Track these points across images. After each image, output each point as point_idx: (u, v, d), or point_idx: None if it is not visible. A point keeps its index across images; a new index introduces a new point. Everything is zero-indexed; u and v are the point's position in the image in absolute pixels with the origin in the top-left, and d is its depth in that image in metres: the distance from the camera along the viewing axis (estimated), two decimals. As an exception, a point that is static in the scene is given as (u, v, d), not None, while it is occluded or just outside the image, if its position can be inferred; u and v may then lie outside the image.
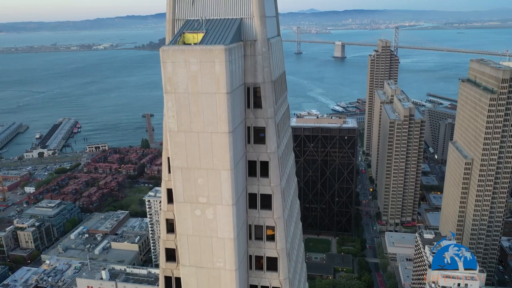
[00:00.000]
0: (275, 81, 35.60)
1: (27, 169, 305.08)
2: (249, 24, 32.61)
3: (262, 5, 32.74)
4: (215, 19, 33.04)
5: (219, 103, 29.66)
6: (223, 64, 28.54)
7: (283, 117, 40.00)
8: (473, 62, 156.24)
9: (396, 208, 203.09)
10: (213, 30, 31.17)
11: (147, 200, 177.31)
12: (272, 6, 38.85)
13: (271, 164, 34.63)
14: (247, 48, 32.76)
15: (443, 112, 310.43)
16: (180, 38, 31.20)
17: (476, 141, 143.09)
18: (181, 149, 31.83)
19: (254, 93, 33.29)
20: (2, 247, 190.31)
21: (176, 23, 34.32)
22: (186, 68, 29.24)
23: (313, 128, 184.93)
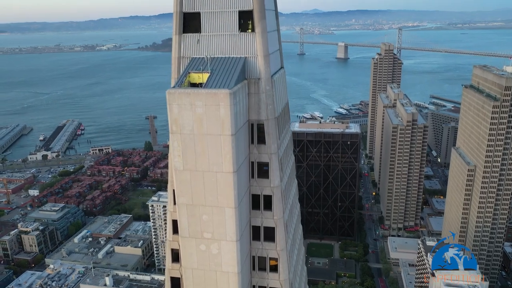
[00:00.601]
0: (279, 116, 36.15)
1: (31, 171, 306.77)
2: (253, 63, 33.19)
3: (266, 45, 33.30)
4: (220, 58, 33.58)
5: (223, 144, 30.31)
6: (228, 107, 29.16)
7: (286, 149, 40.48)
8: (476, 68, 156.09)
9: (399, 213, 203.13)
10: (218, 70, 31.74)
11: (150, 205, 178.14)
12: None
13: (274, 198, 35.24)
14: (251, 86, 33.35)
15: (446, 115, 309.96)
16: (186, 78, 31.76)
17: (479, 147, 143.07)
18: (186, 186, 32.51)
19: (258, 130, 33.90)
20: (6, 250, 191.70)
21: (182, 61, 34.92)
22: (192, 111, 29.90)
23: (316, 133, 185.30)
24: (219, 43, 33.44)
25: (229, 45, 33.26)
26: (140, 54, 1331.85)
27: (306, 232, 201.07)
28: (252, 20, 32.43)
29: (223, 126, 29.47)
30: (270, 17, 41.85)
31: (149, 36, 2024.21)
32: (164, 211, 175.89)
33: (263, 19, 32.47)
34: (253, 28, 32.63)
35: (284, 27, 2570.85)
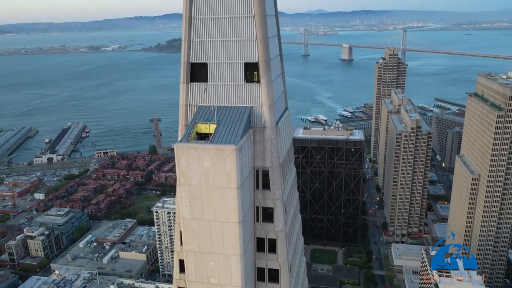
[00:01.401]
0: (283, 161, 36.83)
1: (37, 174, 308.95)
2: (258, 112, 33.95)
3: (271, 95, 33.98)
4: (226, 107, 34.34)
5: (229, 197, 31.11)
6: (234, 162, 29.94)
7: (290, 188, 41.14)
8: (480, 77, 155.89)
9: (403, 219, 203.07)
10: (224, 122, 32.52)
11: (155, 211, 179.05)
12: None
13: (278, 242, 35.99)
14: (257, 135, 34.10)
15: (450, 120, 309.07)
16: (193, 130, 32.51)
17: (483, 156, 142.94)
18: (193, 234, 33.33)
19: (263, 176, 34.61)
20: (12, 255, 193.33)
21: (189, 108, 35.66)
22: (199, 164, 30.71)
23: (320, 140, 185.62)
24: (225, 93, 34.18)
25: (235, 94, 34.01)
26: (145, 55, 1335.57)
27: (310, 238, 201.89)
28: (258, 72, 33.12)
29: (229, 179, 30.27)
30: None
31: (153, 37, 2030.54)
32: (169, 217, 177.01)
33: (268, 71, 33.18)
34: (259, 79, 33.31)
35: (288, 27, 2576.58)
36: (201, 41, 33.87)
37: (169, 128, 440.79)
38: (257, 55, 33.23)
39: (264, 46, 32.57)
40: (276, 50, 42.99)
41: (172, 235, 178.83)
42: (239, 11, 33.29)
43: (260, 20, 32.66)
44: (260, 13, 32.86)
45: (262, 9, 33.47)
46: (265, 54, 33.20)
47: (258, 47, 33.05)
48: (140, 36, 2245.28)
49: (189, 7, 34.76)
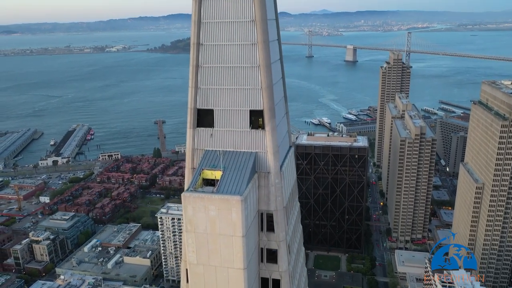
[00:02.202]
0: (287, 203, 37.48)
1: (42, 177, 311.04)
2: (263, 158, 34.65)
3: (275, 142, 34.65)
4: (232, 152, 35.08)
5: (235, 244, 31.84)
6: (239, 212, 30.65)
7: (294, 225, 41.78)
8: (484, 85, 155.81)
9: (407, 226, 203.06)
10: (230, 169, 33.20)
11: (159, 217, 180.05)
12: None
13: (282, 282, 36.62)
14: (261, 179, 34.82)
15: (455, 124, 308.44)
16: (199, 177, 33.23)
17: (488, 166, 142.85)
18: (199, 279, 34.07)
19: (267, 218, 35.24)
20: (18, 259, 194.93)
21: (196, 152, 36.40)
22: (206, 213, 31.45)
23: (324, 147, 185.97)
24: (231, 138, 34.91)
25: (240, 140, 34.70)
26: (149, 56, 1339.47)
27: (314, 244, 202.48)
28: (263, 119, 33.85)
29: (235, 228, 31.00)
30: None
31: (157, 37, 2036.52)
32: (173, 223, 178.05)
33: (272, 118, 33.90)
34: (263, 126, 34.03)
35: (293, 28, 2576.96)
36: (207, 88, 34.60)
37: (173, 130, 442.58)
38: (262, 103, 33.98)
39: (269, 95, 33.30)
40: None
41: (176, 241, 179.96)
42: (244, 60, 33.75)
43: (263, 52, 33.21)
44: (265, 61, 32.90)
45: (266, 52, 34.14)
46: (270, 102, 33.93)
47: (263, 95, 33.80)
48: (145, 37, 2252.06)
49: (196, 56, 35.60)
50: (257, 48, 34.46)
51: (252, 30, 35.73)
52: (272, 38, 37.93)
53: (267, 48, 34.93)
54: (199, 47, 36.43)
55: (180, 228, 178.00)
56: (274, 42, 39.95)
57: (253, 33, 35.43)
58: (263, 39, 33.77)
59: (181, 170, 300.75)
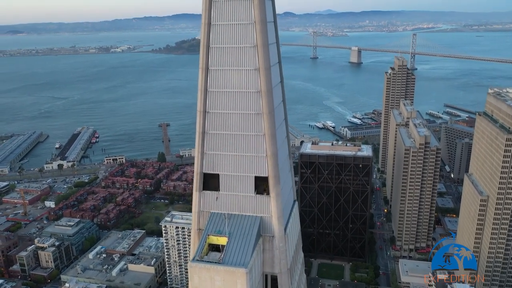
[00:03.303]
0: (291, 264, 37.85)
1: (47, 181, 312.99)
2: (268, 222, 35.11)
3: (280, 207, 35.16)
4: (237, 215, 35.54)
5: None
6: (244, 283, 31.08)
7: (298, 280, 42.17)
8: (490, 96, 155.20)
9: (411, 234, 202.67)
10: (235, 235, 33.62)
11: (163, 225, 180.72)
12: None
13: None
14: (266, 243, 35.29)
15: (460, 130, 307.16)
16: (205, 244, 33.67)
17: (492, 178, 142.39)
18: None
19: (271, 280, 35.58)
20: (23, 266, 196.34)
21: (201, 214, 36.90)
22: (211, 283, 31.95)
23: (328, 156, 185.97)
24: (236, 202, 35.43)
25: (245, 204, 35.20)
26: (155, 56, 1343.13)
27: (317, 252, 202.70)
28: (267, 185, 34.29)
29: None
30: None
31: (162, 37, 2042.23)
32: (177, 232, 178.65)
33: (277, 184, 34.39)
34: (268, 192, 34.48)
35: (297, 28, 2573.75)
36: (213, 154, 35.09)
37: (177, 133, 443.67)
38: (267, 170, 34.49)
39: (274, 163, 33.73)
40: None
41: (180, 249, 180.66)
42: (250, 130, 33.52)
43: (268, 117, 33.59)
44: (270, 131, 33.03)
45: (271, 107, 34.63)
46: (275, 170, 34.45)
47: (268, 163, 34.25)
48: (149, 37, 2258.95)
49: (202, 123, 36.13)
50: (261, 118, 35.00)
51: (257, 100, 36.35)
52: (276, 104, 38.58)
53: (272, 119, 35.62)
54: (205, 115, 37.09)
55: (184, 237, 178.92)
56: (279, 106, 40.60)
57: (258, 103, 36.09)
58: (268, 110, 34.12)
59: (185, 175, 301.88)
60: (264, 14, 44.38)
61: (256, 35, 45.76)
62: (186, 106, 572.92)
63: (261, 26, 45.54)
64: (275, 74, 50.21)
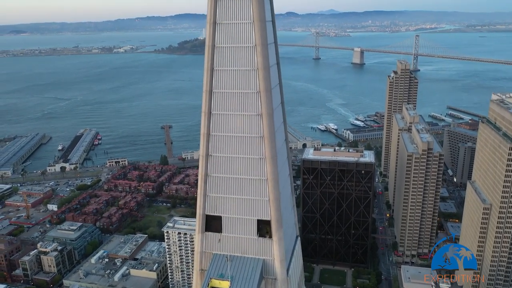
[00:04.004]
0: None
1: (50, 184, 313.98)
2: (270, 265, 35.04)
3: (282, 251, 35.28)
4: (239, 257, 35.53)
5: None
6: None
7: None
8: (493, 103, 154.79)
9: (413, 240, 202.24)
10: (238, 278, 33.56)
11: (165, 231, 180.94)
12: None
13: None
14: (268, 285, 35.27)
15: (463, 134, 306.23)
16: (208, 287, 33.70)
17: (495, 187, 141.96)
18: None
19: None
20: (26, 270, 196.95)
21: (204, 255, 36.89)
22: None
23: (330, 162, 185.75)
24: (239, 244, 35.47)
25: (248, 246, 35.22)
26: (157, 57, 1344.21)
27: (319, 258, 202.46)
28: (270, 228, 34.30)
29: None
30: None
31: (165, 37, 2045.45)
32: (179, 238, 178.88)
33: (280, 228, 34.42)
34: (271, 235, 34.51)
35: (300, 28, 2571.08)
36: (216, 196, 35.16)
37: (180, 135, 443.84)
38: (269, 214, 34.51)
39: (277, 207, 33.76)
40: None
41: (182, 255, 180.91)
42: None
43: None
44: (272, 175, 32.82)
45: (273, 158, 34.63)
46: (277, 213, 34.47)
47: (270, 207, 34.31)
48: (152, 37, 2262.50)
49: (205, 165, 36.21)
50: (265, 163, 35.12)
51: (261, 145, 36.40)
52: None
53: (274, 164, 35.67)
54: (207, 158, 37.18)
55: (186, 243, 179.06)
56: (283, 157, 40.79)
57: (261, 148, 36.18)
58: (271, 155, 34.16)
59: (188, 178, 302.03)
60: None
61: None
62: (189, 107, 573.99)
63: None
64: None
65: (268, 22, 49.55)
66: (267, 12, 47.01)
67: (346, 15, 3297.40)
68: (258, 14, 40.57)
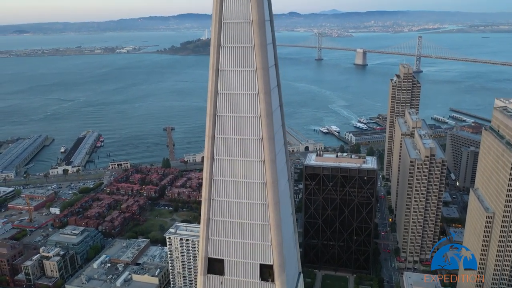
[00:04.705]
0: None
1: (52, 187, 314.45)
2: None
3: None
4: None
5: None
6: None
7: None
8: (496, 111, 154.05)
9: (415, 246, 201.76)
10: None
11: (167, 237, 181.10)
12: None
13: None
14: None
15: (466, 138, 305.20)
16: None
17: (498, 195, 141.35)
18: None
19: None
20: (28, 275, 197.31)
21: None
22: None
23: (333, 168, 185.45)
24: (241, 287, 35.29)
25: None
26: (160, 57, 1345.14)
27: (322, 264, 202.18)
28: (272, 272, 34.13)
29: None
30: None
31: (167, 37, 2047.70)
32: (181, 244, 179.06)
33: (282, 273, 34.26)
34: (273, 279, 34.36)
35: (302, 28, 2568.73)
36: (219, 239, 35.04)
37: (182, 138, 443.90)
38: (272, 258, 34.36)
39: (279, 252, 33.66)
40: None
41: (184, 261, 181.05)
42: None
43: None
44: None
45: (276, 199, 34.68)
46: (280, 258, 34.31)
47: (273, 252, 34.17)
48: (154, 37, 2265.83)
49: (207, 209, 36.19)
50: (267, 209, 35.07)
51: (263, 192, 36.29)
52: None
53: (277, 210, 35.62)
54: (210, 202, 37.10)
55: (188, 249, 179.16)
56: (286, 203, 40.71)
57: (264, 194, 36.13)
58: (273, 196, 34.04)
59: (190, 181, 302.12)
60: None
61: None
62: (192, 109, 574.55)
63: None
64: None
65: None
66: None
67: (349, 15, 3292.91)
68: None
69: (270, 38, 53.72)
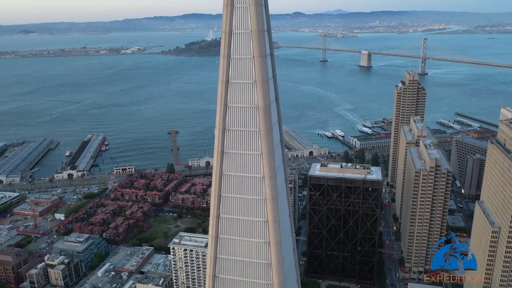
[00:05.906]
0: None
1: (57, 192, 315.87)
2: None
3: None
4: None
5: None
6: None
7: None
8: (502, 124, 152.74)
9: (420, 257, 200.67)
10: None
11: (171, 247, 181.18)
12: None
13: None
14: None
15: (471, 144, 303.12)
16: None
17: (504, 210, 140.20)
18: None
19: None
20: (33, 284, 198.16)
21: None
22: None
23: (337, 179, 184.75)
24: None
25: None
26: (165, 58, 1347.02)
27: (326, 274, 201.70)
28: None
29: None
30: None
31: (172, 38, 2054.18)
32: (185, 254, 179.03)
33: None
34: None
35: (307, 28, 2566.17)
36: (225, 278, 34.69)
37: (186, 142, 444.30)
38: (271, 278, 34.38)
39: (279, 272, 33.54)
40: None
41: (188, 271, 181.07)
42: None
43: None
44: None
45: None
46: (279, 278, 34.14)
47: (273, 272, 34.11)
48: (159, 37, 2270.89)
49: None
50: (268, 247, 34.89)
51: (265, 241, 36.14)
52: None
53: (279, 250, 35.52)
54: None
55: (192, 259, 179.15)
56: (288, 239, 40.60)
57: (266, 233, 36.01)
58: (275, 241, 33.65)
59: (194, 187, 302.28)
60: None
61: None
62: (197, 111, 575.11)
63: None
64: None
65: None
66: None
67: (354, 15, 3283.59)
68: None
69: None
